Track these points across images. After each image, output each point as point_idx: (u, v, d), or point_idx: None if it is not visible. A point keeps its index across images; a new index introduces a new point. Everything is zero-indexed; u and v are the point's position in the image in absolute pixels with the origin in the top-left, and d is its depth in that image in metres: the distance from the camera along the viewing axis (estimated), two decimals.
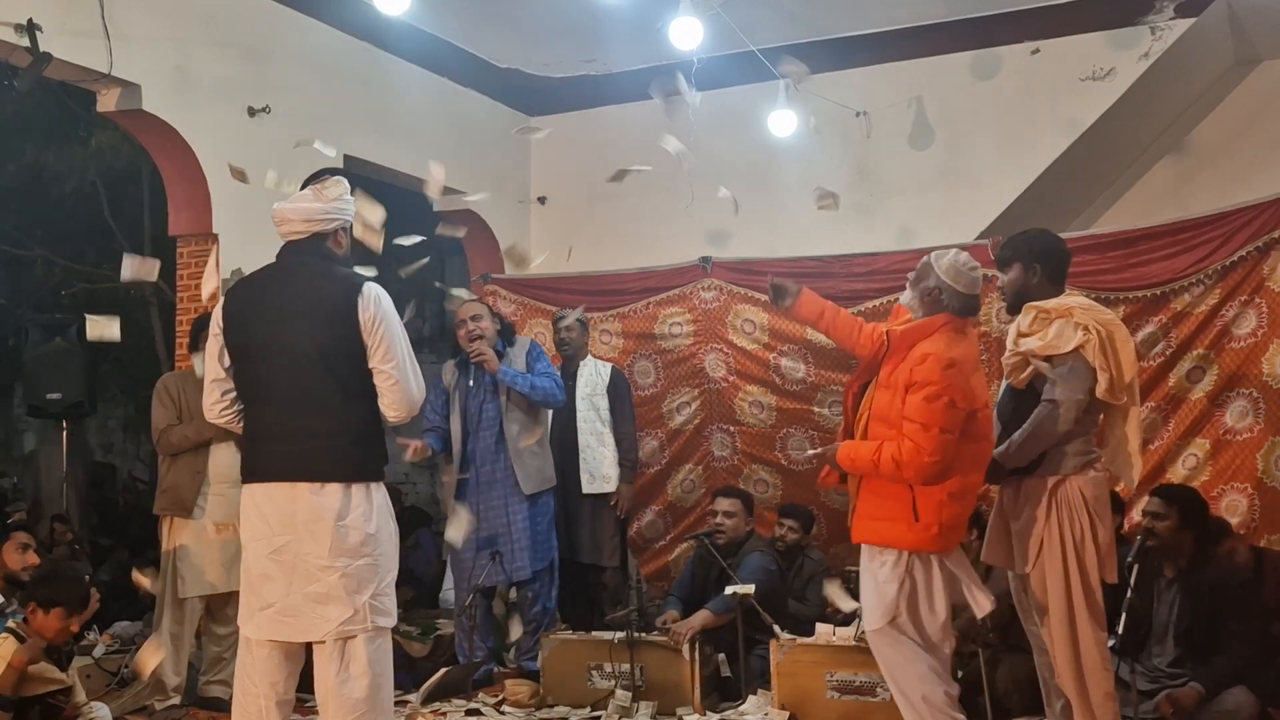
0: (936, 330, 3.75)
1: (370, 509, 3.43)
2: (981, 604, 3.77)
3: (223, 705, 5.02)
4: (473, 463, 5.47)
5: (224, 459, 5.05)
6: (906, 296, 3.92)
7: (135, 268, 4.15)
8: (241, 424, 3.60)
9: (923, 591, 3.70)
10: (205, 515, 5.04)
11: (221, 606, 5.12)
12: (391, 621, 3.48)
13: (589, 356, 6.12)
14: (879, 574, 3.76)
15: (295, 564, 3.36)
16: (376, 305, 3.45)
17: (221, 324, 3.55)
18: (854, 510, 3.85)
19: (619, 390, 6.00)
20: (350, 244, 3.68)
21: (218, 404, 3.60)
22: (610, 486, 5.85)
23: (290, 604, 3.37)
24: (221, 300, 3.62)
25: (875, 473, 3.74)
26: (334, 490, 3.38)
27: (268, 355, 3.46)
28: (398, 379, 3.46)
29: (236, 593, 5.10)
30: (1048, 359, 3.80)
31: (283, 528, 3.38)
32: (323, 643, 3.38)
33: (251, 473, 3.50)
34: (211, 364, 3.59)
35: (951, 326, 3.78)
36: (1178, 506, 4.47)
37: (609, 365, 6.14)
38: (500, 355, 5.46)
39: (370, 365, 3.46)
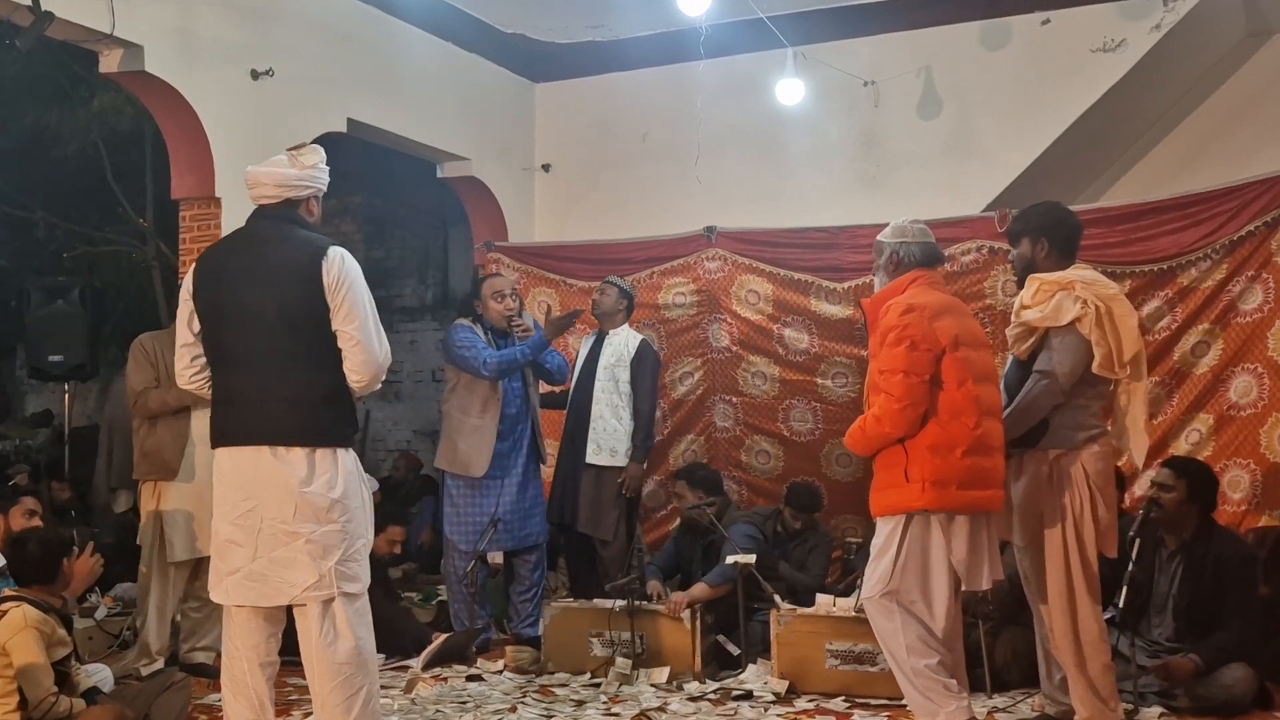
0: (906, 287, 3.82)
1: (336, 474, 3.43)
2: (972, 580, 3.74)
3: (207, 671, 5.04)
4: (512, 430, 5.54)
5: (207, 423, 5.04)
6: (877, 284, 3.99)
7: None
8: (210, 389, 3.61)
9: (919, 559, 3.69)
10: (195, 478, 5.00)
11: (202, 572, 5.10)
12: (358, 588, 3.47)
13: (625, 326, 5.96)
14: (877, 543, 3.79)
15: (260, 528, 3.39)
16: (340, 267, 3.44)
17: (191, 289, 3.57)
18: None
19: (643, 364, 5.83)
20: (321, 212, 3.67)
21: (188, 369, 3.62)
22: (616, 461, 5.74)
23: (256, 569, 3.40)
24: (193, 265, 3.63)
25: (867, 440, 3.79)
26: (298, 454, 3.40)
27: (233, 319, 3.48)
28: (360, 339, 3.44)
29: None
30: (1045, 331, 3.81)
31: (247, 492, 3.41)
32: (303, 606, 3.40)
33: (218, 436, 3.53)
34: (182, 329, 3.61)
35: (923, 281, 3.84)
36: (1187, 480, 4.48)
37: (640, 337, 5.99)
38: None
39: (334, 327, 3.45)
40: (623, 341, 5.90)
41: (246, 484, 3.42)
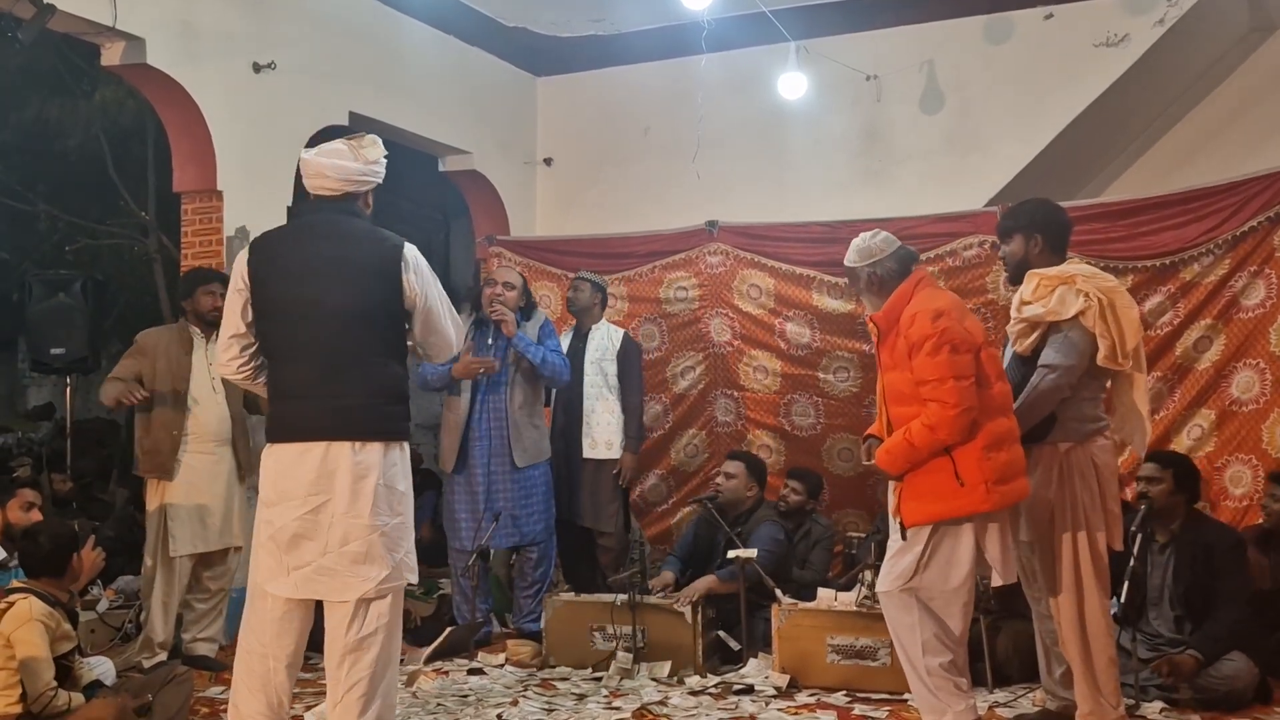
0: (913, 292, 3.77)
1: (404, 467, 3.46)
2: (1007, 573, 3.71)
3: (208, 663, 5.04)
4: (480, 424, 5.50)
5: (209, 416, 5.06)
6: (869, 306, 3.94)
7: None
8: (261, 380, 3.53)
9: (947, 558, 3.66)
10: (194, 473, 5.03)
11: (213, 563, 5.14)
12: (416, 577, 3.51)
13: (603, 321, 6.01)
14: (898, 539, 3.73)
15: (332, 523, 3.32)
16: (417, 269, 3.44)
17: (247, 279, 3.44)
18: (899, 494, 3.75)
19: (629, 357, 5.91)
20: (373, 204, 3.62)
21: (235, 359, 3.51)
22: (611, 453, 5.79)
23: (325, 564, 3.33)
24: (246, 253, 3.49)
25: (916, 453, 3.66)
26: (375, 449, 3.36)
27: (302, 312, 3.39)
28: (445, 337, 3.53)
29: (227, 550, 5.12)
30: (1049, 325, 3.81)
31: (318, 487, 3.32)
32: (344, 602, 3.34)
33: (283, 431, 3.40)
34: (233, 319, 3.48)
35: (925, 282, 3.81)
36: (1172, 470, 4.51)
37: (621, 331, 6.04)
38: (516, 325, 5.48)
39: (414, 327, 3.47)
40: (605, 336, 5.94)
41: (317, 479, 3.32)
